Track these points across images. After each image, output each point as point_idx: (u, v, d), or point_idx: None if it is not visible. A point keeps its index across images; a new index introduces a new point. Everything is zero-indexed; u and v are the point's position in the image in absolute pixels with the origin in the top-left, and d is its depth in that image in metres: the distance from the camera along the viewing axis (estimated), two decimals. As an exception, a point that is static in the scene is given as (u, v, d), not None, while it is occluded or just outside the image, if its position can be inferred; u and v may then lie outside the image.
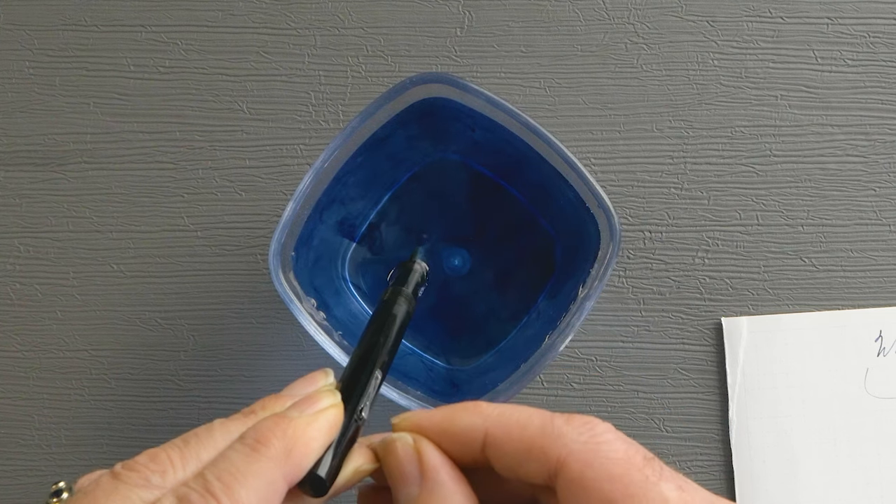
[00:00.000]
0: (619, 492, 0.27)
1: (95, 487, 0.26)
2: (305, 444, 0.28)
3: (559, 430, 0.28)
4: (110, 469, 0.27)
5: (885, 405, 0.46)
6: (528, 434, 0.28)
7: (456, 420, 0.30)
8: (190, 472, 0.27)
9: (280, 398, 0.30)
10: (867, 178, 0.47)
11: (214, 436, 0.28)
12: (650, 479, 0.27)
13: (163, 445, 0.27)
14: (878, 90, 0.48)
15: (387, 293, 0.36)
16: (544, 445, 0.28)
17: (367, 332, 0.34)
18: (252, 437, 0.27)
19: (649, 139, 0.48)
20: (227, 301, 0.47)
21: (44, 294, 0.48)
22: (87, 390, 0.47)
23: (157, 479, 0.26)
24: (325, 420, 0.29)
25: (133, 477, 0.26)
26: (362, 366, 0.32)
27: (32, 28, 0.49)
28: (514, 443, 0.28)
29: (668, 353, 0.47)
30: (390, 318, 0.34)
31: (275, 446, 0.27)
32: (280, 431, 0.28)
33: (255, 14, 0.49)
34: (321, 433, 0.28)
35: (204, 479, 0.26)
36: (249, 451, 0.27)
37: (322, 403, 0.29)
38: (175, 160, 0.48)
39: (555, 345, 0.38)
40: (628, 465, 0.27)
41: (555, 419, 0.28)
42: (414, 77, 0.39)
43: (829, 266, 0.47)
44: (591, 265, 0.40)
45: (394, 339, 0.34)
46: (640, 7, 0.48)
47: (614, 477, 0.27)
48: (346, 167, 0.41)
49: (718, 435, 0.46)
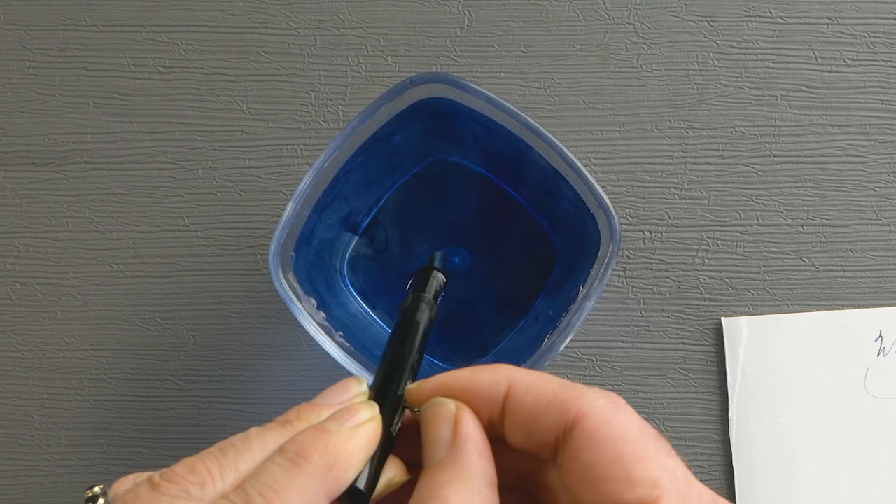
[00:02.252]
0: (630, 452, 0.27)
1: (135, 498, 0.26)
2: (346, 458, 0.28)
3: (581, 390, 0.29)
4: (148, 476, 0.26)
5: (885, 405, 0.46)
6: (552, 388, 0.29)
7: (481, 374, 0.30)
8: (229, 484, 0.26)
9: (315, 407, 0.30)
10: (867, 178, 0.47)
11: (252, 446, 0.28)
12: (660, 451, 0.28)
13: (200, 455, 0.27)
14: (878, 90, 0.48)
15: (408, 301, 0.35)
16: (566, 398, 0.28)
17: (393, 340, 0.33)
18: (293, 450, 0.27)
19: (649, 139, 0.48)
20: (227, 301, 0.47)
21: (44, 294, 0.48)
22: (87, 390, 0.47)
23: (197, 491, 0.26)
24: (365, 434, 0.29)
25: (173, 489, 0.26)
26: (393, 376, 0.32)
27: (32, 28, 0.49)
28: (537, 394, 0.29)
29: (668, 353, 0.47)
30: (414, 326, 0.34)
31: (316, 461, 0.27)
32: (321, 446, 0.27)
33: (255, 14, 0.49)
34: (361, 448, 0.28)
35: (245, 493, 0.26)
36: (290, 465, 0.27)
37: (361, 416, 0.29)
38: (175, 160, 0.48)
39: (555, 345, 0.38)
40: (642, 434, 0.28)
41: (576, 383, 0.29)
42: (414, 77, 0.39)
43: (829, 266, 0.47)
44: (591, 265, 0.40)
45: (419, 347, 0.33)
46: (640, 7, 0.48)
47: (628, 438, 0.27)
48: (346, 167, 0.41)
49: (718, 435, 0.46)
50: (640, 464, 0.27)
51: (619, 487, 0.27)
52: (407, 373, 0.32)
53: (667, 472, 0.27)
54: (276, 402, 0.47)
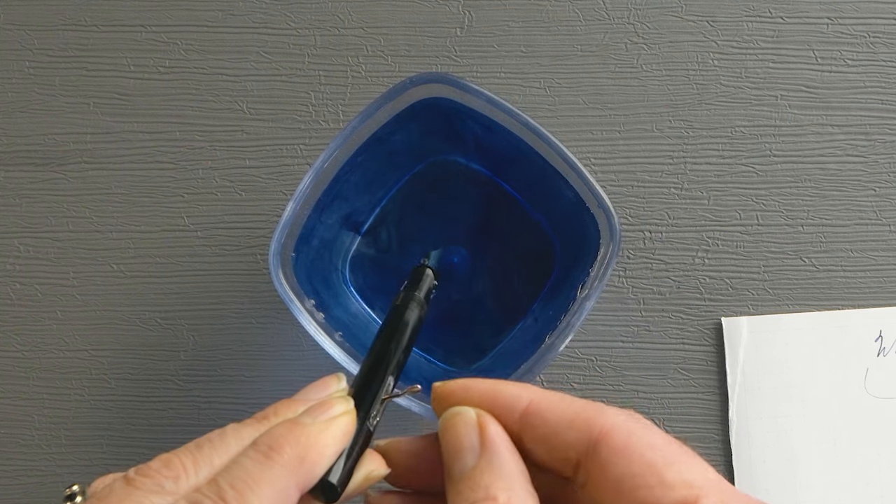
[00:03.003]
0: (661, 458, 0.27)
1: (109, 493, 0.26)
2: (318, 451, 0.28)
3: (602, 407, 0.29)
4: (124, 474, 0.27)
5: (885, 405, 0.46)
6: (573, 407, 0.29)
7: (501, 387, 0.30)
8: (203, 478, 0.27)
9: (293, 403, 0.30)
10: (867, 178, 0.47)
11: (227, 441, 0.28)
12: (688, 455, 0.28)
13: (175, 451, 0.27)
14: (878, 90, 0.48)
15: (399, 298, 0.36)
16: (589, 416, 0.28)
17: (379, 337, 0.34)
18: (265, 443, 0.27)
19: (649, 139, 0.48)
20: (227, 301, 0.47)
21: (44, 294, 0.48)
22: (87, 390, 0.47)
23: (171, 484, 0.26)
24: (338, 427, 0.29)
25: (146, 483, 0.26)
26: (374, 372, 0.32)
27: (32, 28, 0.49)
28: (558, 412, 0.29)
29: (668, 353, 0.47)
30: (402, 324, 0.34)
31: (287, 453, 0.27)
32: (293, 438, 0.28)
33: (255, 14, 0.49)
34: (334, 440, 0.29)
35: (217, 486, 0.26)
36: (262, 458, 0.27)
37: (335, 410, 0.29)
38: (175, 160, 0.48)
39: (555, 345, 0.38)
40: (670, 443, 0.28)
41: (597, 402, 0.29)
42: (414, 77, 0.39)
43: (829, 266, 0.47)
44: (591, 265, 0.40)
45: (405, 345, 0.34)
46: (640, 7, 0.48)
47: (656, 446, 0.27)
48: (346, 167, 0.41)
49: (718, 435, 0.46)
50: (673, 468, 0.27)
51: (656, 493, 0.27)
52: (390, 370, 0.32)
53: (699, 472, 0.27)
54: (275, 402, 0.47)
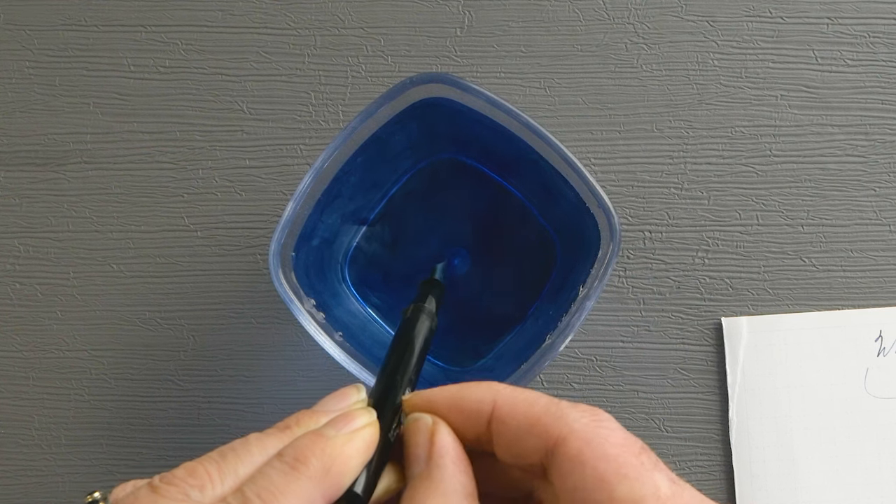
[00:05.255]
0: (613, 471, 0.27)
1: (134, 501, 0.26)
2: (343, 462, 0.28)
3: (563, 411, 0.29)
4: (148, 481, 0.27)
5: (885, 405, 0.46)
6: (534, 411, 0.29)
7: (466, 392, 0.30)
8: (227, 488, 0.27)
9: (314, 414, 0.30)
10: (867, 178, 0.47)
11: (251, 450, 0.28)
12: (645, 465, 0.28)
13: (199, 459, 0.27)
14: (878, 90, 0.48)
15: (409, 310, 0.36)
16: (547, 423, 0.28)
17: (394, 349, 0.34)
18: (291, 454, 0.28)
19: (649, 139, 0.48)
20: (227, 301, 0.47)
21: (44, 294, 0.48)
22: (87, 390, 0.47)
23: (196, 493, 0.26)
24: (363, 439, 0.29)
25: (172, 491, 0.26)
26: (393, 383, 0.32)
27: (32, 28, 0.49)
28: (519, 418, 0.29)
29: (668, 353, 0.47)
30: (415, 335, 0.35)
31: (313, 465, 0.27)
32: (318, 450, 0.28)
33: (255, 14, 0.49)
34: (359, 452, 0.29)
35: (244, 496, 0.26)
36: (289, 469, 0.27)
37: (359, 422, 0.29)
38: (175, 160, 0.48)
39: (555, 345, 0.38)
40: (625, 449, 0.28)
41: (561, 402, 0.29)
42: (414, 77, 0.39)
43: (829, 266, 0.47)
44: (591, 265, 0.40)
45: (419, 356, 0.34)
46: (640, 7, 0.48)
47: (609, 457, 0.27)
48: (346, 167, 0.41)
49: (718, 435, 0.46)
50: (623, 483, 0.27)
51: None
52: (406, 381, 0.33)
53: (650, 488, 0.27)
54: (275, 402, 0.47)
